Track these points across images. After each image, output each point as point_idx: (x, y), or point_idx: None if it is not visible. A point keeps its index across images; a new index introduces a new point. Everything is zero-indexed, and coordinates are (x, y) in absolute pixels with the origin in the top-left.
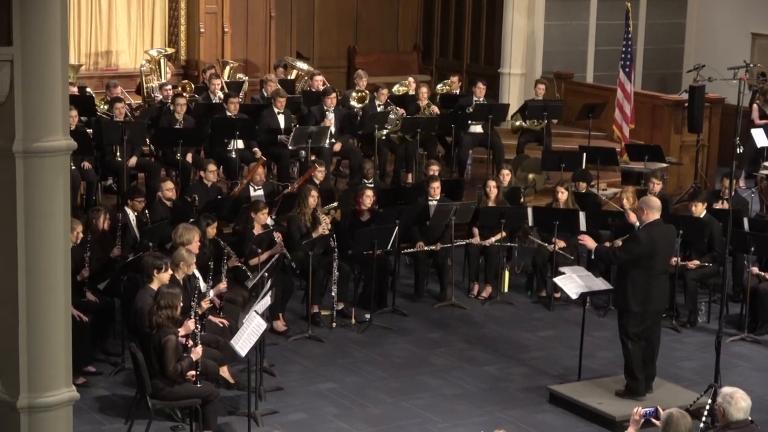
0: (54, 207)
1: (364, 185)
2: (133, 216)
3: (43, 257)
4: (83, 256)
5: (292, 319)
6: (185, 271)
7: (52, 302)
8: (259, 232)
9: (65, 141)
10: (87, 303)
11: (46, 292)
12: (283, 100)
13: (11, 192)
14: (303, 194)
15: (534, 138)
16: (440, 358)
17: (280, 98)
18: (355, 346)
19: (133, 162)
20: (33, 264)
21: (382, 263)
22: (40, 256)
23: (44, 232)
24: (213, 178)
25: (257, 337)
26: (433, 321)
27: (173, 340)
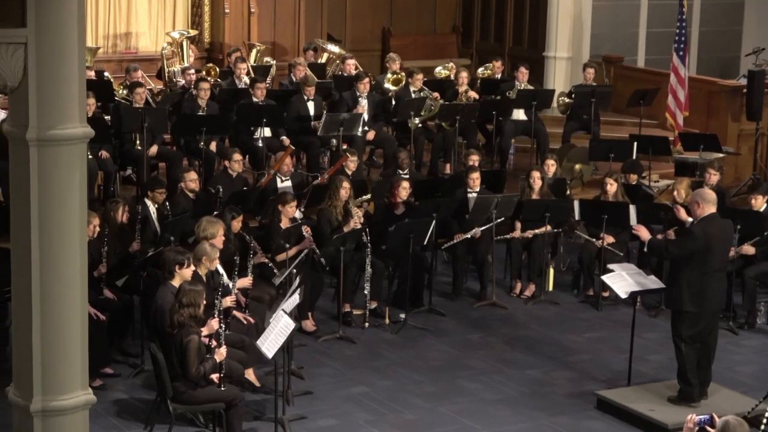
0: (70, 198)
1: (398, 176)
2: (154, 208)
3: (58, 252)
4: (100, 250)
5: (321, 318)
6: (208, 267)
7: (67, 300)
8: (286, 225)
9: (82, 128)
10: (104, 301)
11: (61, 289)
12: (311, 89)
13: (25, 182)
14: (334, 185)
15: (581, 126)
16: (479, 361)
17: (308, 87)
18: (389, 348)
19: (154, 151)
20: (47, 259)
21: (418, 259)
22: (55, 250)
23: (59, 225)
24: (238, 169)
25: (285, 337)
26: (472, 321)
27: (196, 340)
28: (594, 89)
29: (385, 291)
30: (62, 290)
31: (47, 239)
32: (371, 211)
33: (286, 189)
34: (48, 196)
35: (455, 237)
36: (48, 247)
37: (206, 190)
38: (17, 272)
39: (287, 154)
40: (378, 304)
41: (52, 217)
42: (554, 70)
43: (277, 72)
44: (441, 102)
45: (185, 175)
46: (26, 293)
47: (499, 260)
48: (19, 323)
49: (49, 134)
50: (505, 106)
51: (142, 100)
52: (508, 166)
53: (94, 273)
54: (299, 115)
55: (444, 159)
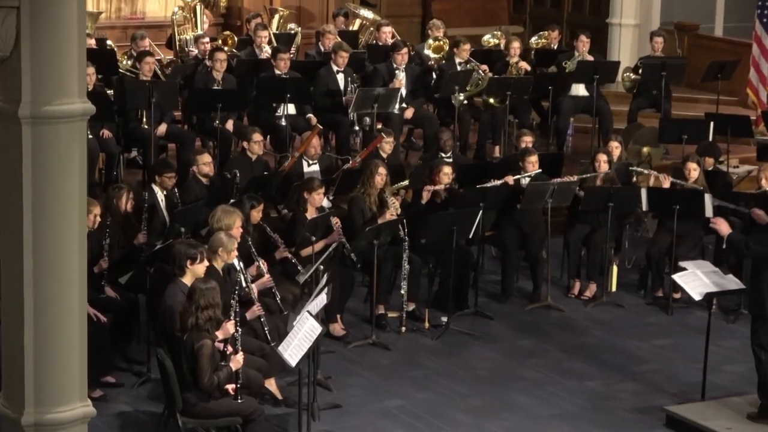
0: (67, 184)
1: (441, 160)
2: (162, 195)
3: (54, 244)
4: (102, 243)
5: (352, 321)
6: (225, 260)
7: (64, 299)
8: (313, 216)
9: (81, 104)
10: (106, 300)
11: (56, 287)
12: (345, 56)
13: (16, 166)
14: (367, 170)
15: (650, 103)
16: (532, 371)
17: (342, 53)
18: (429, 356)
19: (163, 130)
20: (41, 253)
21: (463, 255)
22: (50, 243)
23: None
24: (258, 151)
25: (310, 343)
26: (524, 326)
27: (209, 345)
28: (664, 61)
29: (425, 291)
30: (58, 288)
31: (41, 230)
32: (409, 200)
33: (313, 174)
34: (42, 181)
35: (505, 178)
36: (42, 240)
37: (221, 174)
38: (7, 268)
39: (314, 134)
40: (416, 306)
41: (46, 205)
42: (619, 40)
43: (302, 41)
44: (489, 75)
45: (198, 158)
46: (17, 291)
47: (555, 256)
48: (9, 325)
49: (44, 110)
50: (562, 81)
51: (150, 72)
52: (565, 149)
53: (95, 269)
54: (328, 89)
55: (492, 141)
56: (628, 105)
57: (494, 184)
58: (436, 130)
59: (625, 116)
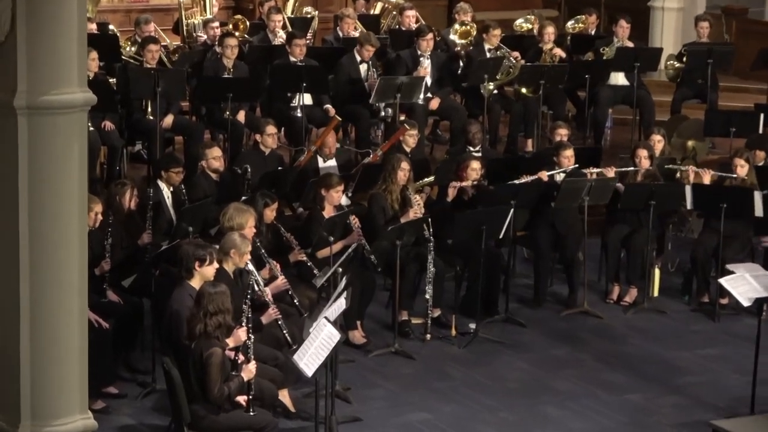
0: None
1: (468, 154)
2: (168, 192)
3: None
4: (103, 243)
5: (373, 328)
6: (236, 263)
7: (62, 303)
8: (330, 214)
9: (81, 94)
10: (108, 305)
11: (55, 291)
12: (371, 50)
13: (11, 160)
14: (389, 165)
15: (695, 93)
16: (567, 383)
17: (369, 47)
18: (456, 365)
19: (169, 122)
20: (38, 254)
21: (492, 257)
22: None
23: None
24: (272, 144)
25: (328, 351)
26: (559, 333)
27: (219, 353)
28: (710, 48)
29: (451, 296)
30: (56, 292)
31: (38, 230)
32: (434, 198)
33: (331, 169)
34: (39, 177)
35: (540, 174)
36: (39, 240)
37: (232, 170)
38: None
39: (332, 126)
40: (442, 312)
41: (44, 203)
42: (662, 24)
43: (319, 26)
44: (521, 63)
45: (207, 152)
46: (12, 295)
47: (592, 258)
48: (4, 332)
49: (41, 101)
50: (600, 69)
51: (155, 59)
52: (603, 143)
53: (96, 271)
54: (350, 79)
55: (525, 133)
56: (671, 95)
57: (526, 180)
58: (464, 122)
59: (668, 107)
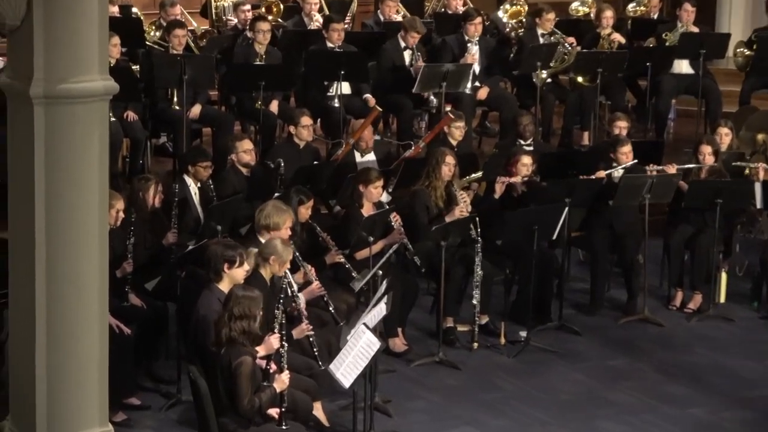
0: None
1: (519, 148)
2: (195, 188)
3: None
4: (125, 243)
5: (415, 336)
6: (275, 271)
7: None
8: (370, 212)
9: (102, 81)
10: (130, 309)
11: (73, 294)
12: (417, 37)
13: (27, 153)
14: (433, 160)
15: (765, 83)
16: (626, 395)
17: (414, 34)
18: (505, 376)
19: (196, 112)
20: (55, 254)
21: (545, 259)
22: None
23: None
24: (307, 136)
25: (367, 361)
26: (617, 342)
27: (249, 363)
28: None
29: (500, 301)
30: (75, 295)
31: (55, 228)
32: (482, 194)
33: (370, 164)
34: (57, 171)
35: (596, 174)
36: (56, 239)
37: (264, 164)
38: (17, 271)
39: (372, 117)
40: (490, 319)
41: (61, 200)
42: (730, 8)
43: (358, 9)
44: (577, 49)
45: (237, 145)
46: (28, 299)
47: (654, 261)
48: (19, 338)
49: (59, 89)
50: (662, 56)
51: (182, 44)
52: (666, 136)
53: (117, 273)
54: (393, 66)
55: (581, 125)
56: (740, 85)
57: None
58: (515, 113)
59: (736, 98)
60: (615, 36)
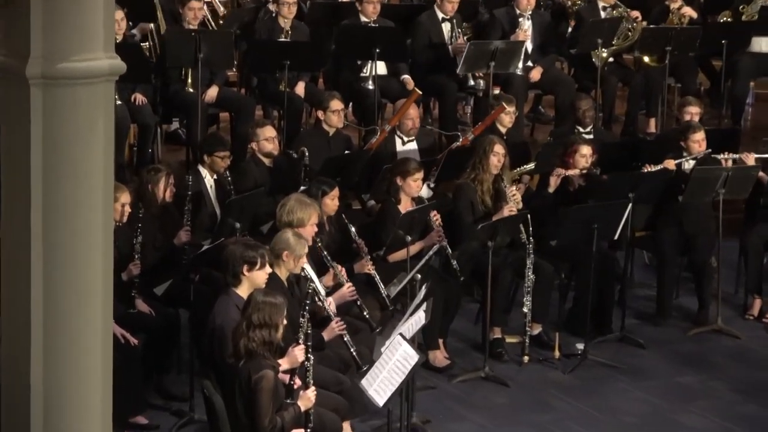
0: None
1: (577, 136)
2: (212, 180)
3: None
4: (132, 242)
5: (458, 348)
6: (290, 268)
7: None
8: (408, 208)
9: (108, 60)
10: (137, 317)
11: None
12: (455, 3)
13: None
14: (480, 150)
15: None
16: (697, 417)
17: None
18: (560, 394)
19: (213, 95)
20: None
21: (606, 262)
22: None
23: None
24: (338, 123)
25: (404, 376)
26: (687, 356)
27: (271, 377)
28: None
29: (555, 309)
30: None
31: (54, 225)
32: (534, 189)
33: (410, 154)
34: (56, 160)
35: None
36: (55, 237)
37: (288, 154)
38: (10, 274)
39: (411, 101)
40: (543, 329)
41: (61, 192)
42: None
43: None
44: (643, 25)
45: (258, 132)
46: (23, 305)
47: (728, 265)
48: (12, 349)
49: (59, 69)
50: (739, 33)
51: (197, 19)
52: (743, 122)
53: (123, 275)
54: (430, 42)
55: (647, 111)
56: None
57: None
58: (572, 97)
59: None
60: (686, 10)
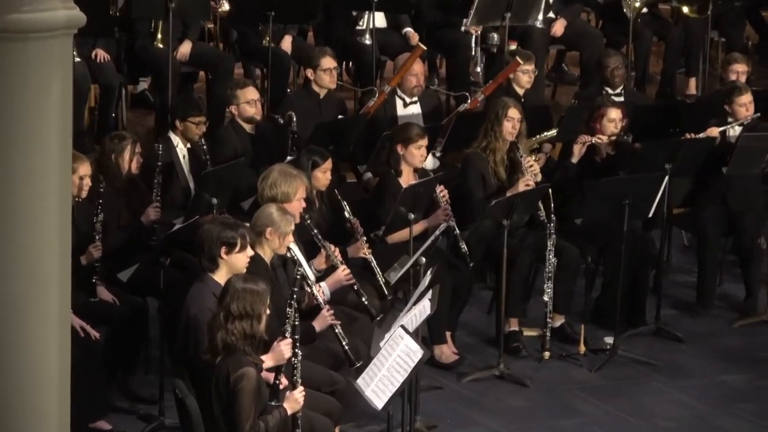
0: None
1: (606, 99)
2: (185, 150)
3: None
4: (93, 221)
5: (469, 343)
6: (275, 248)
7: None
8: (410, 182)
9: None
10: (99, 307)
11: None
12: None
13: None
14: (493, 114)
15: None
16: (744, 422)
17: None
18: (586, 395)
19: (186, 51)
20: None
21: (639, 244)
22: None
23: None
24: (329, 83)
25: (406, 375)
26: (731, 352)
27: (252, 376)
28: None
29: (580, 298)
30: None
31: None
32: (556, 159)
33: (413, 119)
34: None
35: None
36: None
37: (273, 119)
38: None
39: (415, 57)
40: (567, 320)
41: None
42: None
43: None
44: None
45: (239, 94)
46: None
47: None
48: None
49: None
50: None
51: None
52: None
53: (82, 259)
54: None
55: (686, 70)
56: None
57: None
58: (600, 54)
59: None
60: None
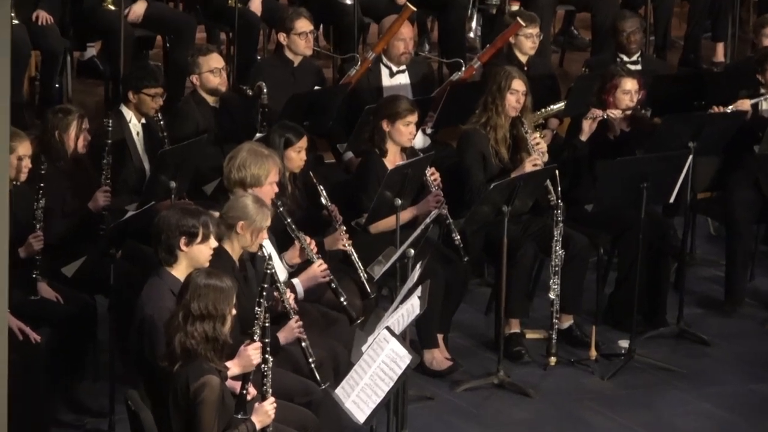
0: None
1: (620, 67)
2: (139, 125)
3: None
4: (33, 208)
5: (464, 347)
6: (246, 244)
7: None
8: (397, 162)
9: None
10: (40, 305)
11: None
12: None
13: None
14: (494, 85)
15: None
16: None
17: None
18: (598, 407)
19: (140, 12)
20: None
21: (658, 233)
22: None
23: None
24: (305, 49)
25: (391, 384)
26: (763, 356)
27: (216, 385)
28: None
29: (591, 295)
30: None
31: None
32: (564, 136)
33: (400, 90)
34: None
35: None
36: None
37: (240, 89)
38: None
39: (403, 19)
40: (576, 321)
41: None
42: None
43: None
44: None
45: (201, 61)
46: None
47: None
48: None
49: None
50: None
51: None
52: None
53: (21, 251)
54: None
55: (713, 34)
56: None
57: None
58: (614, 16)
59: None
60: None
